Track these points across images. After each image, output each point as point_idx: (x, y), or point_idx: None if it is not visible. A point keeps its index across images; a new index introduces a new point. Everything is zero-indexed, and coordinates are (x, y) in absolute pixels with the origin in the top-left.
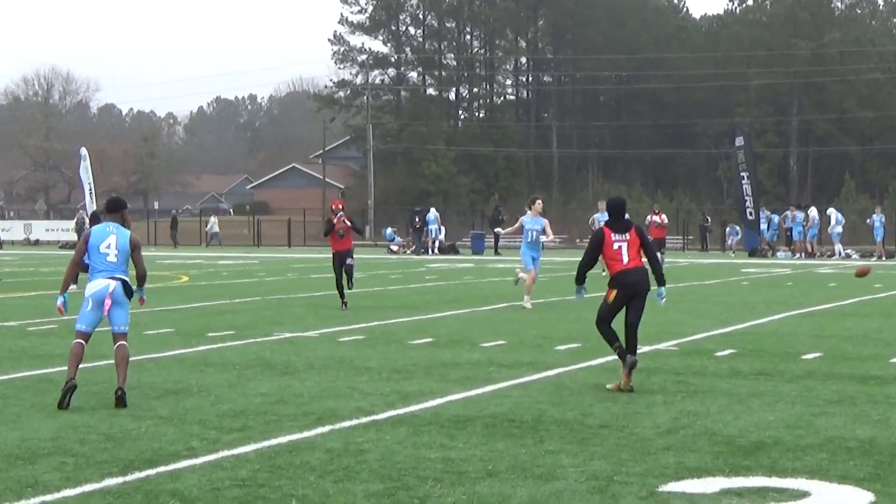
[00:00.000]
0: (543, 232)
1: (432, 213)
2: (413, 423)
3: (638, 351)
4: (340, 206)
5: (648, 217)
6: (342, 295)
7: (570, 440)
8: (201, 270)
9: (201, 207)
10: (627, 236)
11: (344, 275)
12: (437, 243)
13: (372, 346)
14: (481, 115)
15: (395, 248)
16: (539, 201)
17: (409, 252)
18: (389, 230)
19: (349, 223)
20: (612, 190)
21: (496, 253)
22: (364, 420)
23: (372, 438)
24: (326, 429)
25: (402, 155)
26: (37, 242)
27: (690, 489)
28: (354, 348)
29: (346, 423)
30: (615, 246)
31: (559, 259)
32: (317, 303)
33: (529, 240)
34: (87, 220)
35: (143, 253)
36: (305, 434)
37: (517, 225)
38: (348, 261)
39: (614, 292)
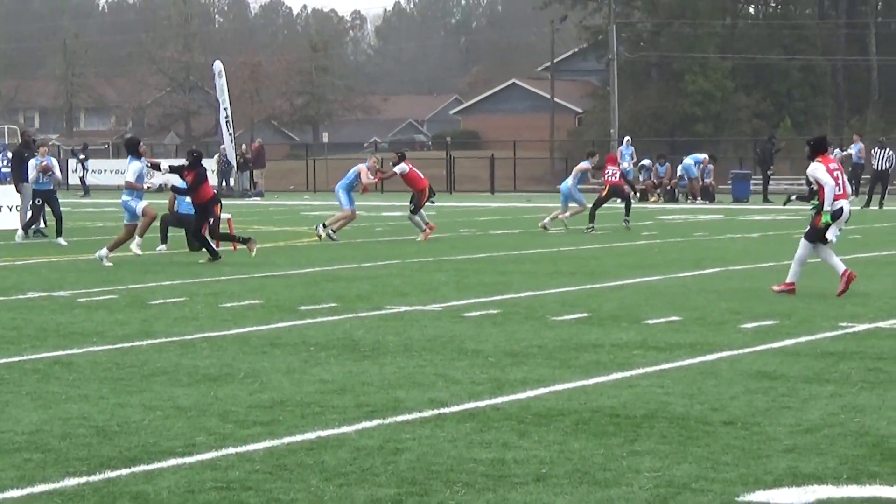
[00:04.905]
0: None
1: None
2: (486, 418)
3: (851, 329)
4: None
5: None
6: None
7: (670, 440)
8: (354, 225)
9: (391, 139)
10: None
11: None
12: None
13: (502, 323)
14: (769, 9)
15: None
16: None
17: (655, 200)
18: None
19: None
20: None
21: (765, 200)
22: (428, 413)
23: (421, 435)
24: (374, 423)
25: (657, 66)
26: (159, 189)
27: (776, 499)
28: (477, 325)
29: (402, 417)
30: None
31: None
32: (470, 267)
33: None
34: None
35: None
36: (343, 429)
37: None
38: None
39: None
